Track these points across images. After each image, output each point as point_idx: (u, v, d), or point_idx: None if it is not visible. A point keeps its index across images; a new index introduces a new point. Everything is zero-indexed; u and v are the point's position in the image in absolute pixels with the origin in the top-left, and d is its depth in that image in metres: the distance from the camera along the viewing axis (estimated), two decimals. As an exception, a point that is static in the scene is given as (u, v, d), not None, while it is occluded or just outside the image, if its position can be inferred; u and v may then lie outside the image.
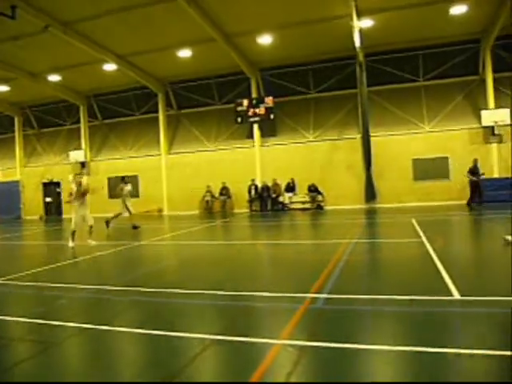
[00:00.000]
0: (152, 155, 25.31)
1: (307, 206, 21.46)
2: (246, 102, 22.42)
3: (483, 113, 19.76)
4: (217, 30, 18.50)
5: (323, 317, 4.69)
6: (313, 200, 21.52)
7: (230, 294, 5.66)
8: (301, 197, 21.75)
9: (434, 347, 3.57)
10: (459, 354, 3.44)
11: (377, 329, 4.29)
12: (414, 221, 13.22)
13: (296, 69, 22.55)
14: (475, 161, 17.84)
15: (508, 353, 3.37)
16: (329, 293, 5.49)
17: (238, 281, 6.69)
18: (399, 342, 3.83)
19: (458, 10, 17.52)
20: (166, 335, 4.21)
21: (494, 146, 19.88)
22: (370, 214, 18.33)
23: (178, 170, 24.56)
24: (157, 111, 25.12)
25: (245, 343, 3.93)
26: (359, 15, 17.24)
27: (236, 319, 4.74)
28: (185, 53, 20.60)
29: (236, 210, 23.20)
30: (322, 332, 4.21)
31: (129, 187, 15.69)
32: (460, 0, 16.89)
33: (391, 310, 4.78)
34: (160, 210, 24.47)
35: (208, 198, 23.31)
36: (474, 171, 17.54)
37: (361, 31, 17.79)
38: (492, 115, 19.51)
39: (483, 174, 17.61)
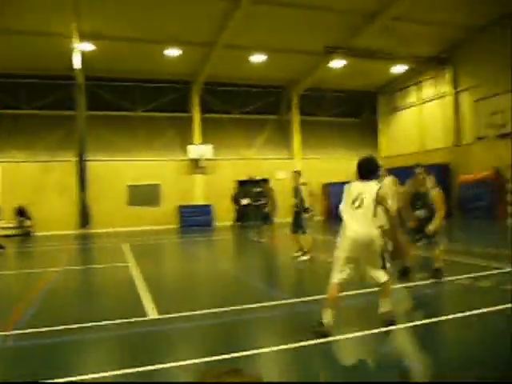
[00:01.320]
0: None
1: (13, 232, 19.30)
2: None
3: (190, 147, 22.15)
4: None
5: (13, 355, 4.48)
6: (20, 225, 19.63)
7: None
8: (4, 222, 19.25)
9: (139, 366, 3.90)
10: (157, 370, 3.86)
11: (79, 359, 4.37)
12: (125, 245, 13.68)
13: (4, 80, 20.45)
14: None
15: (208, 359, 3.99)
16: (24, 328, 5.20)
17: None
18: (105, 367, 4.04)
19: (172, 52, 19.29)
20: None
21: (199, 176, 22.46)
22: (84, 239, 18.00)
23: None
24: None
25: None
26: (81, 37, 17.11)
27: None
28: None
29: None
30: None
31: None
32: (174, 44, 18.69)
33: (96, 337, 4.92)
34: None
35: None
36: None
37: (82, 54, 17.67)
38: (197, 150, 22.06)
39: None
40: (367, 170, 4.77)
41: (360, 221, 4.49)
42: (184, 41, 18.68)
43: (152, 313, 5.68)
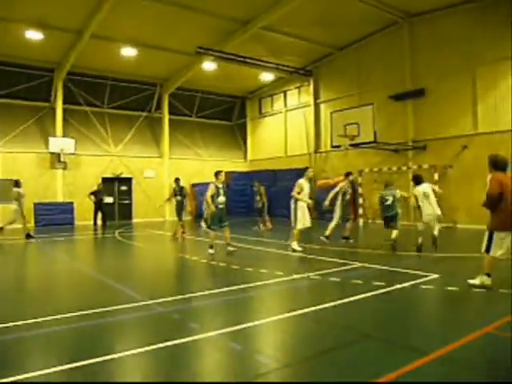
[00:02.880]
0: None
1: None
2: None
3: (51, 139, 20.60)
4: None
5: None
6: None
7: None
8: None
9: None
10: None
11: None
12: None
13: None
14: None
15: None
16: None
17: None
18: None
19: (34, 35, 17.63)
20: None
21: (60, 171, 21.01)
22: None
23: None
24: None
25: None
26: None
27: None
28: None
29: None
30: None
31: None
32: (38, 27, 17.18)
33: None
34: None
35: None
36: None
37: None
38: (59, 143, 20.61)
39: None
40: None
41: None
42: (49, 24, 17.17)
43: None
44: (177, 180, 15.07)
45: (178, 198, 14.67)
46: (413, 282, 6.92)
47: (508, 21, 15.25)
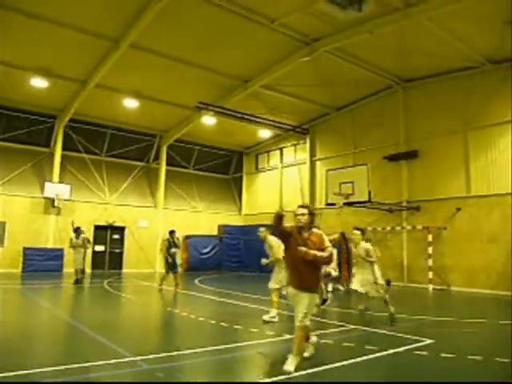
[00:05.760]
0: None
1: None
2: None
3: (47, 184, 20.60)
4: None
5: None
6: None
7: None
8: None
9: None
10: None
11: None
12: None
13: None
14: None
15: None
16: None
17: None
18: None
19: (39, 82, 18.05)
20: None
21: (53, 217, 20.87)
22: None
23: None
24: None
25: None
26: None
27: None
28: None
29: None
30: None
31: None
32: (43, 74, 17.57)
33: None
34: None
35: None
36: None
37: None
38: (54, 188, 20.60)
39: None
40: None
41: None
42: (55, 73, 17.68)
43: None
44: (172, 232, 14.93)
45: (173, 249, 14.50)
46: (407, 348, 6.71)
47: (498, 87, 15.89)
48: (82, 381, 4.92)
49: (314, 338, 6.15)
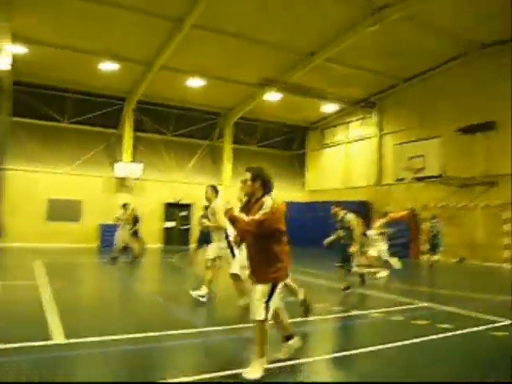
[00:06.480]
0: None
1: None
2: None
3: (118, 164, 21.55)
4: None
5: None
6: None
7: None
8: None
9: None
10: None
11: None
12: (38, 262, 12.87)
13: None
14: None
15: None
16: None
17: None
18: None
19: (108, 66, 18.73)
20: None
21: (124, 195, 21.77)
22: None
23: None
24: None
25: None
26: (13, 38, 16.20)
27: None
28: None
29: None
30: None
31: None
32: (111, 58, 18.24)
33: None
34: None
35: None
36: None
37: (12, 56, 16.70)
38: (126, 168, 21.49)
39: None
40: None
41: None
42: (122, 56, 18.32)
43: (58, 337, 5.32)
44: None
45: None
46: (484, 327, 6.38)
47: None
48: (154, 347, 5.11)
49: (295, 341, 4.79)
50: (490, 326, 6.49)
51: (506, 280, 13.56)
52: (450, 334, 5.98)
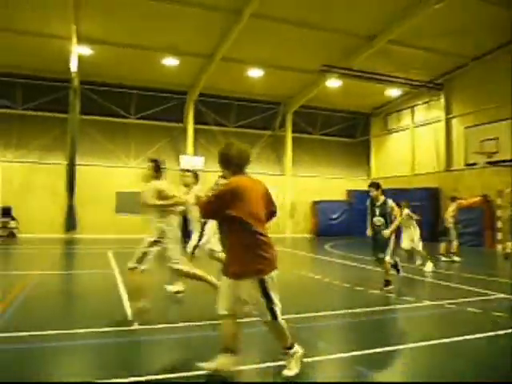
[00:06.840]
0: None
1: (-4, 232, 19.03)
2: None
3: (182, 157, 22.08)
4: None
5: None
6: (4, 226, 19.35)
7: None
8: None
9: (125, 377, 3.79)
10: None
11: (54, 367, 4.25)
12: (111, 252, 13.49)
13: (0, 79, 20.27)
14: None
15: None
16: None
17: None
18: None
19: (170, 61, 19.31)
20: None
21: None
22: (69, 243, 17.76)
23: None
24: None
25: None
26: (79, 40, 17.05)
27: None
28: None
29: None
30: None
31: None
32: (172, 53, 18.72)
33: (76, 344, 4.78)
34: None
35: None
36: None
37: (79, 57, 17.57)
38: (189, 160, 21.97)
39: None
40: None
41: None
42: (182, 51, 18.72)
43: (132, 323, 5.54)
44: None
45: None
46: None
47: None
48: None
49: (297, 350, 3.93)
50: None
51: None
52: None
